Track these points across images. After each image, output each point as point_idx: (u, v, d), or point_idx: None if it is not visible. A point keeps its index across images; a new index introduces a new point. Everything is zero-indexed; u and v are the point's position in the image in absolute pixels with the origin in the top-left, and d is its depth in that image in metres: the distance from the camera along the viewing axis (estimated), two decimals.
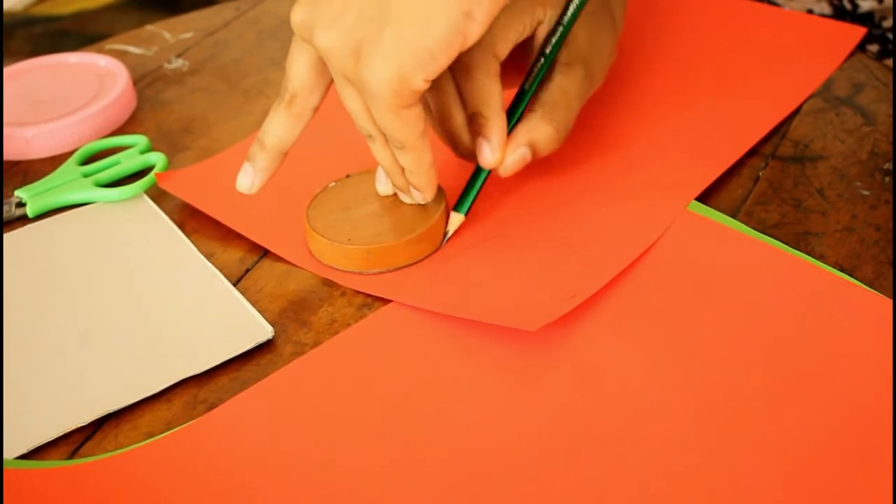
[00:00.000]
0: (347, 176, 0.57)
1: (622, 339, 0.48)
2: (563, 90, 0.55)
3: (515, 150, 0.54)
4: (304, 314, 0.52)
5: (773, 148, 0.60)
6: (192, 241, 0.57)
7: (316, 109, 0.52)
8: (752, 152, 0.60)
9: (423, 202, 0.54)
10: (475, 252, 0.54)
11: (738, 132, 0.60)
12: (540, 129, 0.54)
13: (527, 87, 0.55)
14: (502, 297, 0.51)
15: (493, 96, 0.53)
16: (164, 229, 0.58)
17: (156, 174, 0.61)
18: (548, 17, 0.54)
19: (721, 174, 0.57)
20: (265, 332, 0.50)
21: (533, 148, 0.54)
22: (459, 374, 0.48)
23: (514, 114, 0.55)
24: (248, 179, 0.53)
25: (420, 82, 0.47)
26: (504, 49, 0.53)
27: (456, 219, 0.55)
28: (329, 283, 0.54)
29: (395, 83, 0.46)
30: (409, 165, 0.51)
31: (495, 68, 0.53)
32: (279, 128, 0.52)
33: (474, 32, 0.47)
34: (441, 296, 0.51)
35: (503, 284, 0.51)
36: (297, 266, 0.55)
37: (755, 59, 0.67)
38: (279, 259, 0.56)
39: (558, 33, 0.54)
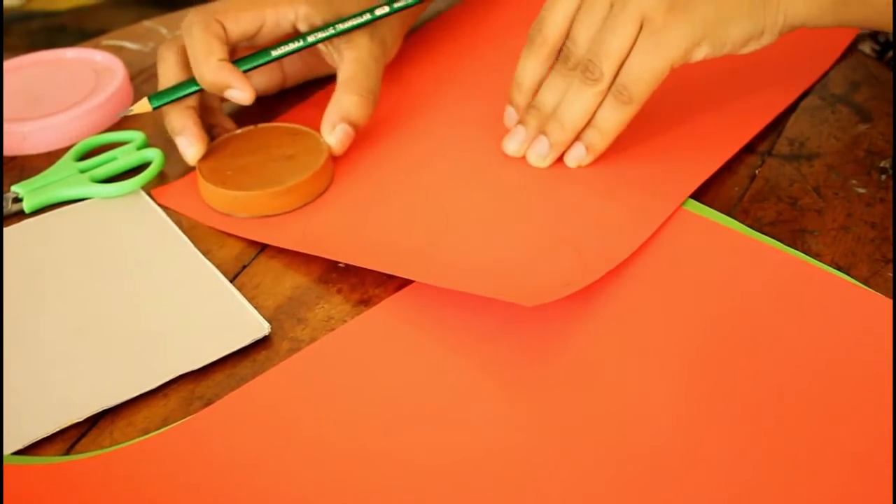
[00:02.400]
0: (255, 126, 0.62)
1: (618, 338, 0.48)
2: (354, 60, 0.61)
3: (334, 128, 0.59)
4: (301, 311, 0.52)
5: (770, 146, 0.60)
6: (189, 238, 0.57)
7: None
8: (749, 150, 0.60)
9: (574, 164, 0.58)
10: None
11: (733, 129, 0.60)
12: (346, 101, 0.60)
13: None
14: (497, 276, 0.51)
15: None
16: (161, 225, 0.58)
17: (152, 191, 0.61)
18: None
19: (716, 171, 0.57)
20: (262, 328, 0.50)
21: (348, 121, 0.60)
22: (454, 371, 0.48)
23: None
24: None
25: (701, 57, 0.55)
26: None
27: (142, 104, 0.60)
28: (326, 281, 0.54)
29: (690, 49, 0.54)
30: (618, 121, 0.56)
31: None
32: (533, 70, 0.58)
33: None
34: (426, 265, 0.52)
35: (497, 266, 0.52)
36: (282, 249, 0.55)
37: (750, 55, 0.67)
38: (276, 256, 0.56)
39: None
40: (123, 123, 0.67)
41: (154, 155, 0.63)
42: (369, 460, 0.44)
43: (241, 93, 0.59)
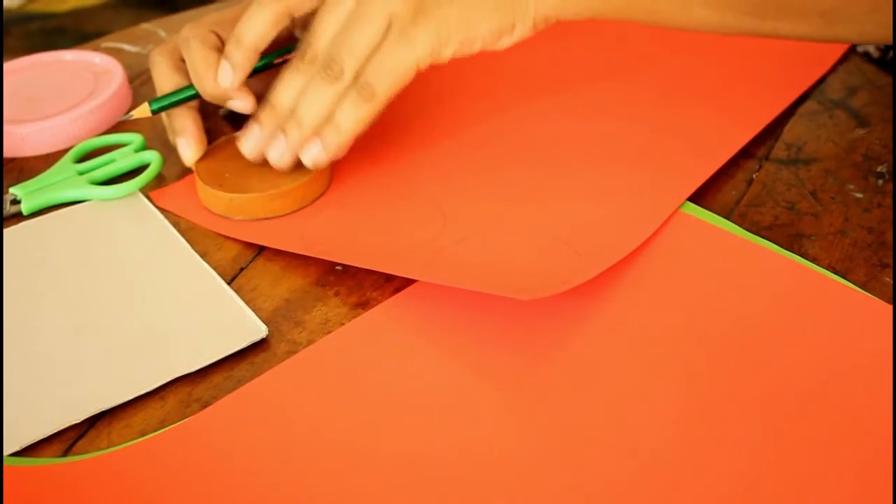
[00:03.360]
0: None
1: (616, 339, 0.48)
2: None
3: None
4: (298, 313, 0.52)
5: (767, 150, 0.60)
6: (187, 240, 0.57)
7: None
8: (746, 154, 0.60)
9: (310, 164, 0.57)
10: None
11: (731, 132, 0.60)
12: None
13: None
14: (494, 273, 0.51)
15: None
16: (159, 227, 0.58)
17: (150, 193, 0.61)
18: None
19: (713, 174, 0.57)
20: (259, 330, 0.50)
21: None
22: (452, 374, 0.48)
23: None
24: (228, 77, 0.58)
25: (449, 55, 0.55)
26: None
27: (142, 108, 0.60)
28: (323, 283, 0.54)
29: (437, 47, 0.54)
30: (357, 118, 0.54)
31: None
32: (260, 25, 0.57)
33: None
34: (433, 266, 0.52)
35: (495, 264, 0.52)
36: (295, 254, 0.55)
37: (748, 59, 0.67)
38: (273, 258, 0.56)
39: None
40: (122, 126, 0.67)
41: (152, 157, 0.63)
42: (366, 462, 0.44)
43: (243, 102, 0.59)
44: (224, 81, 0.57)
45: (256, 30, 0.56)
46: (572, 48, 0.70)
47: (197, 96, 0.60)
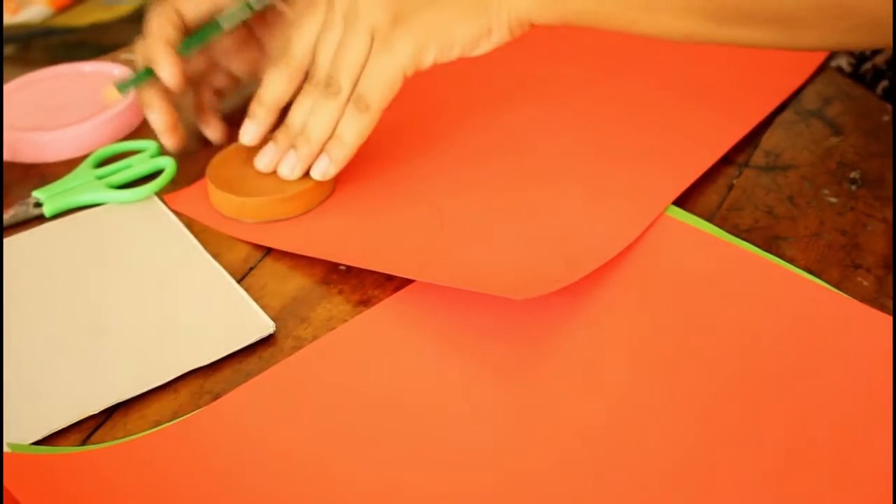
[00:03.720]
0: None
1: (604, 338, 0.48)
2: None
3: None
4: (304, 311, 0.52)
5: (747, 157, 0.60)
6: (200, 241, 0.57)
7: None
8: (727, 161, 0.60)
9: (320, 177, 0.58)
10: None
11: (712, 140, 0.60)
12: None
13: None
14: (488, 274, 0.51)
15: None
16: (173, 229, 0.58)
17: (165, 197, 0.61)
18: None
19: (697, 179, 0.57)
20: (267, 327, 0.50)
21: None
22: (449, 368, 0.48)
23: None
24: (252, 133, 0.59)
25: (431, 61, 0.55)
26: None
27: (111, 92, 0.61)
28: (328, 282, 0.54)
29: (418, 54, 0.54)
30: (357, 130, 0.56)
31: None
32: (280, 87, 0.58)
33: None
34: (420, 264, 0.52)
35: (489, 265, 0.52)
36: (302, 255, 0.55)
37: (728, 71, 0.67)
38: (281, 258, 0.56)
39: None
40: (138, 133, 0.67)
41: (167, 163, 0.63)
42: (368, 452, 0.44)
43: (163, 73, 0.60)
44: (246, 138, 0.59)
45: (276, 91, 0.58)
46: (561, 57, 0.70)
47: (152, 73, 0.61)
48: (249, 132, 0.59)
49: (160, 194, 0.61)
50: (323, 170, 0.58)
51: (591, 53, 0.70)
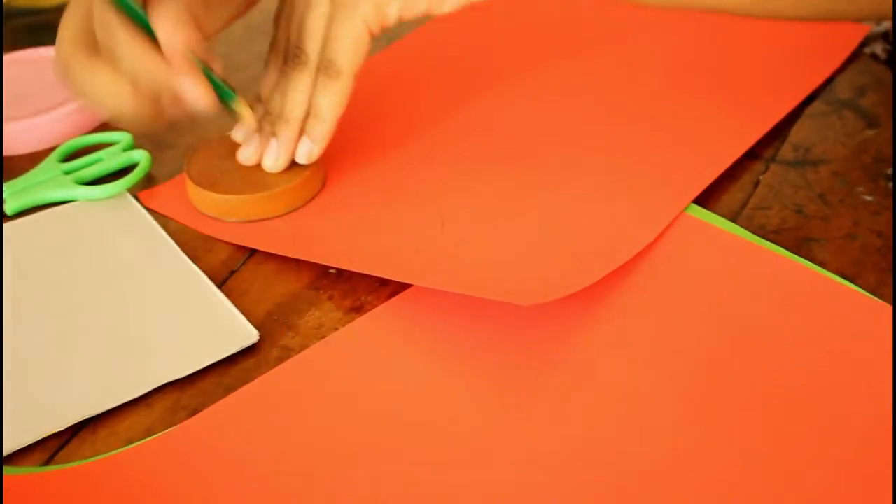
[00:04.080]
0: None
1: (619, 346, 0.48)
2: None
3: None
4: (291, 318, 0.52)
5: (774, 152, 0.60)
6: (176, 242, 0.57)
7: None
8: (753, 156, 0.60)
9: (305, 160, 0.57)
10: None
11: (736, 133, 0.60)
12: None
13: None
14: (489, 277, 0.51)
15: None
16: (147, 229, 0.58)
17: (138, 194, 0.60)
18: None
19: (719, 175, 0.57)
20: (250, 335, 0.50)
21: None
22: (449, 381, 0.47)
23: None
24: (276, 158, 0.58)
25: (395, 15, 0.55)
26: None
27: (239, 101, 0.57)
28: (317, 287, 0.54)
29: (380, 8, 0.54)
30: (333, 100, 0.55)
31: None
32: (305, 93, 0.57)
33: None
34: (423, 269, 0.52)
35: (493, 268, 0.52)
36: (289, 257, 0.55)
37: (754, 58, 0.67)
38: (265, 261, 0.55)
39: None
40: (110, 124, 0.67)
41: (141, 157, 0.63)
42: (359, 473, 0.43)
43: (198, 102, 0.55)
44: (271, 163, 0.58)
45: (300, 105, 0.57)
46: (572, 45, 0.70)
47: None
48: (274, 155, 0.58)
49: (133, 191, 0.61)
50: (307, 152, 0.58)
51: (604, 43, 0.70)
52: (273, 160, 0.58)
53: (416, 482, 0.43)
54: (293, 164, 0.58)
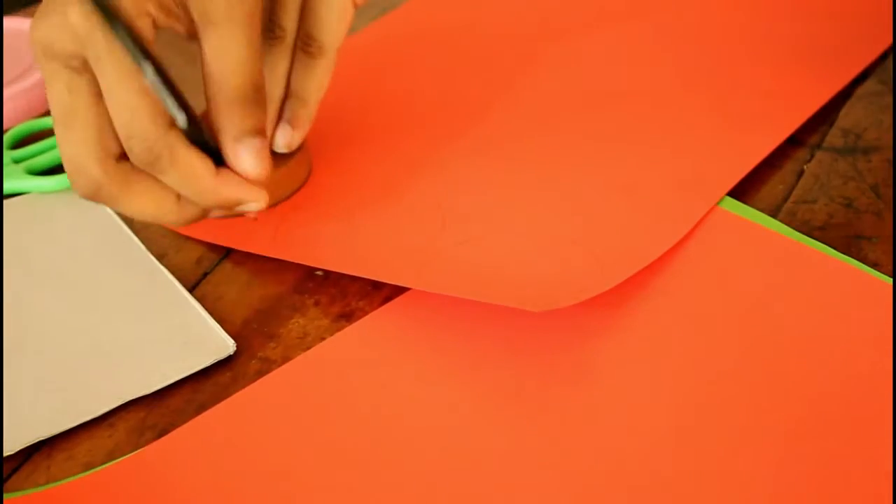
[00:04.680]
0: None
1: (642, 360, 0.48)
2: None
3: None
4: (272, 326, 0.52)
5: (820, 137, 0.60)
6: (141, 239, 0.57)
7: None
8: (796, 142, 0.60)
9: (285, 148, 0.57)
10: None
11: (777, 117, 0.60)
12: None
13: None
14: (496, 279, 0.51)
15: None
16: (108, 224, 0.58)
17: None
18: None
19: (758, 165, 0.57)
20: (226, 346, 0.50)
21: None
22: (450, 398, 0.47)
23: None
24: (291, 137, 0.57)
25: None
26: None
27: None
28: (301, 291, 0.54)
29: None
30: (314, 80, 0.55)
31: None
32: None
33: None
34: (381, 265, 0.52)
35: (502, 270, 0.52)
36: (265, 256, 0.55)
37: (799, 31, 0.67)
38: (242, 262, 0.56)
39: None
40: None
41: None
42: (349, 501, 0.43)
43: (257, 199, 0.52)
44: (284, 144, 0.57)
45: (276, 86, 0.56)
46: (592, 12, 0.70)
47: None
48: (288, 135, 0.57)
49: None
50: (286, 139, 0.57)
51: (629, 15, 0.70)
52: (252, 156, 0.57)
53: None
54: (273, 153, 0.58)
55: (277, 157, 0.58)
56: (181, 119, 0.46)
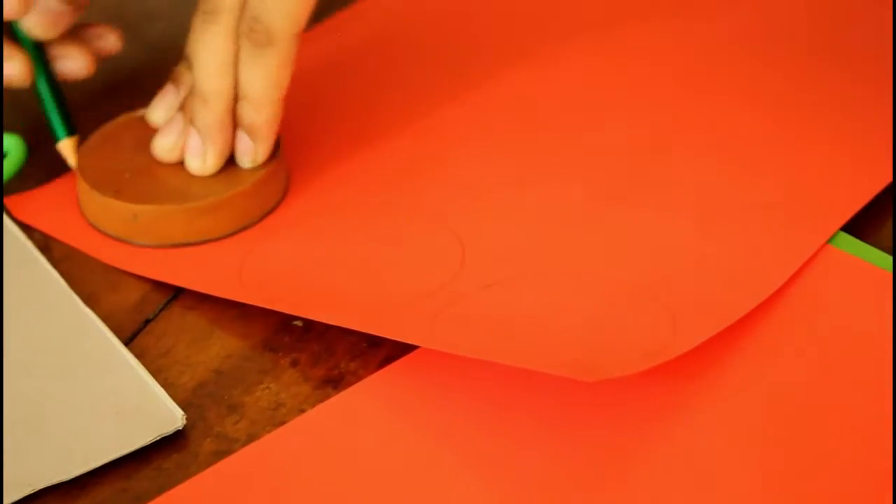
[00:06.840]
0: None
1: (730, 445, 0.48)
2: None
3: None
4: (234, 392, 0.52)
5: None
6: (62, 273, 0.57)
7: None
8: None
9: (249, 163, 0.58)
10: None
11: None
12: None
13: None
14: (535, 338, 0.51)
15: None
16: (19, 253, 0.58)
17: (7, 200, 0.61)
18: None
19: (875, 196, 0.58)
20: (172, 419, 0.50)
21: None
22: (468, 490, 0.47)
23: None
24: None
25: None
26: None
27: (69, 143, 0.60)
28: (272, 348, 0.54)
29: None
30: (265, 75, 0.56)
31: None
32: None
33: None
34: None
35: (540, 326, 0.52)
36: (229, 299, 0.55)
37: None
38: (196, 306, 0.56)
39: None
40: None
41: (13, 145, 0.62)
42: None
43: None
44: (197, 165, 0.58)
45: (214, 76, 0.58)
46: (655, 20, 0.71)
47: None
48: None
49: None
50: (248, 154, 0.58)
51: (697, 10, 0.70)
52: (199, 160, 0.58)
53: None
54: (237, 166, 0.59)
55: (243, 171, 0.58)
56: None
